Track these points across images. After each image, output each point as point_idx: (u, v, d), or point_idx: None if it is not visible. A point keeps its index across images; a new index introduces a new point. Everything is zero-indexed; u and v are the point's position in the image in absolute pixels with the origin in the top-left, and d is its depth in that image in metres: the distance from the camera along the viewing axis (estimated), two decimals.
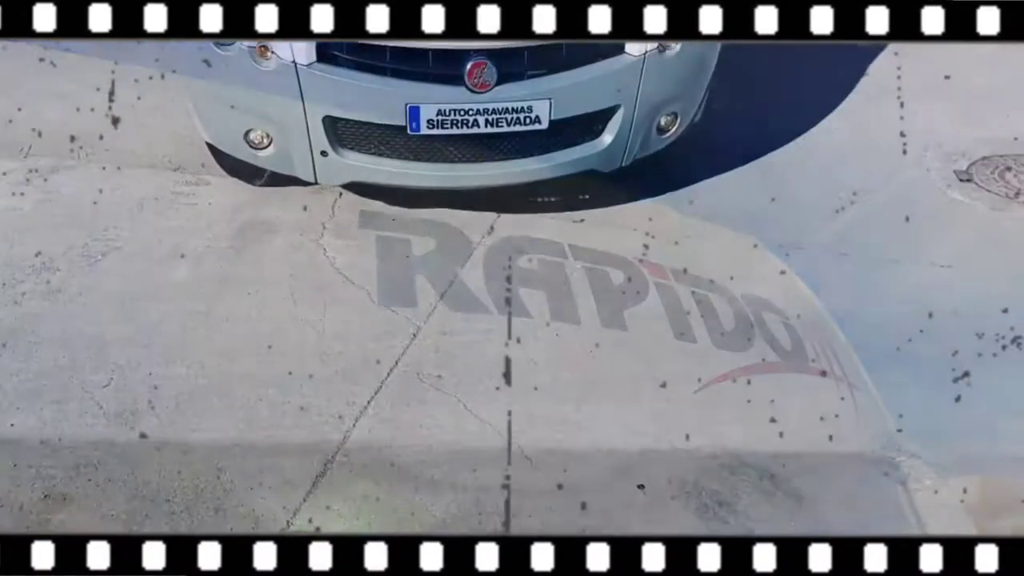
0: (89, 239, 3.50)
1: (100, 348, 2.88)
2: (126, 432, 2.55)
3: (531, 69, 3.32)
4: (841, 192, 4.10)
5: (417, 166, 3.43)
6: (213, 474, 2.45)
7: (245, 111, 3.38)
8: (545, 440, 2.56)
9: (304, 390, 2.74)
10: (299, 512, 2.34)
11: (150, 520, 2.29)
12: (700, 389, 2.78)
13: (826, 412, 2.66)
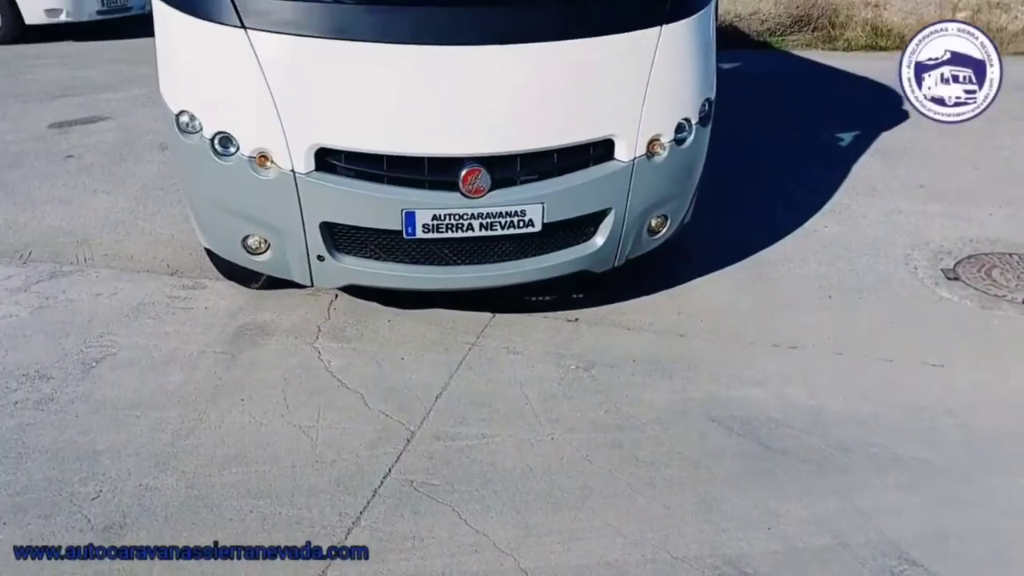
0: (84, 346, 3.50)
1: (91, 458, 2.84)
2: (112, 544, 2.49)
3: (524, 175, 3.40)
4: (832, 290, 4.16)
5: (413, 269, 3.47)
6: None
7: (243, 218, 3.43)
8: (543, 552, 2.50)
9: (296, 500, 2.69)
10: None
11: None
12: (698, 501, 2.74)
13: None
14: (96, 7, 11.34)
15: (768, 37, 11.80)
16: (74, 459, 2.84)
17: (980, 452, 2.95)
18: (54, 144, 6.44)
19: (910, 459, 2.91)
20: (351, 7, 3.21)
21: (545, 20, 3.38)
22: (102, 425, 3.01)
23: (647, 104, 3.47)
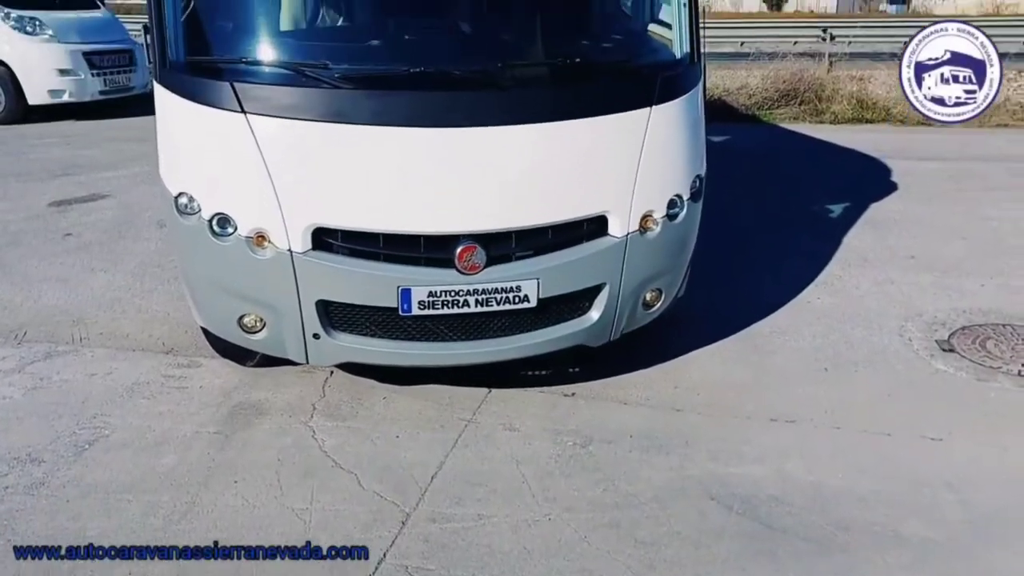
0: (77, 427, 3.47)
1: (81, 545, 2.78)
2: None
3: (519, 251, 3.43)
4: (827, 362, 4.16)
5: (408, 346, 3.48)
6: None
7: (240, 297, 3.45)
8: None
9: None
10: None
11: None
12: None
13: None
14: (99, 87, 11.58)
15: (756, 111, 12.08)
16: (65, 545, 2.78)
17: (982, 529, 2.92)
18: (53, 222, 6.51)
19: (911, 537, 2.87)
20: (348, 92, 3.29)
21: (537, 102, 3.47)
22: (93, 510, 2.96)
23: (639, 182, 3.54)
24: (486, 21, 4.00)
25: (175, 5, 3.39)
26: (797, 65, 12.82)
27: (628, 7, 4.59)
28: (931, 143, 9.99)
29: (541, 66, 3.72)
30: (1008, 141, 10.07)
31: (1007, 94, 11.98)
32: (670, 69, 3.81)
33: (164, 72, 3.42)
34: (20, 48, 10.98)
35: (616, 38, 4.49)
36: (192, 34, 3.44)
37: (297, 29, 3.86)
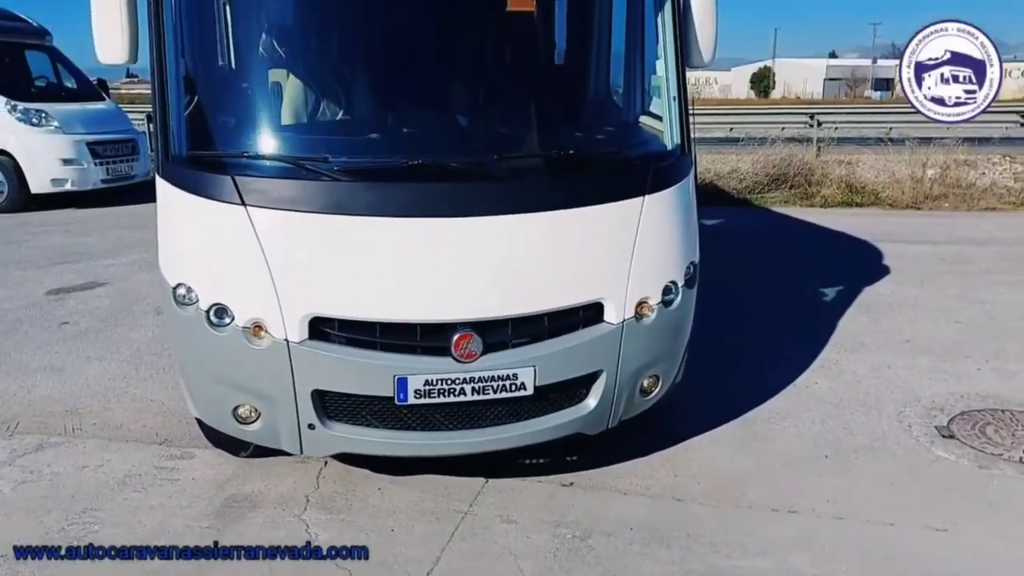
0: (66, 523, 3.38)
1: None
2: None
3: (515, 338, 3.44)
4: (827, 449, 4.12)
5: (404, 436, 3.44)
6: None
7: (235, 387, 3.44)
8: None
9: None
10: None
11: None
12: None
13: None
14: (101, 176, 11.78)
15: (748, 195, 12.30)
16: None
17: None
18: (50, 310, 6.52)
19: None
20: (347, 184, 3.35)
21: (533, 192, 3.54)
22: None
23: (634, 269, 3.57)
24: (482, 114, 4.11)
25: (179, 101, 3.48)
26: (786, 150, 13.12)
27: (620, 99, 4.72)
28: (921, 226, 10.14)
29: (536, 157, 3.81)
30: (996, 225, 10.23)
31: (993, 178, 12.25)
32: (662, 160, 3.89)
33: (167, 166, 3.48)
34: (25, 139, 11.21)
35: (609, 129, 4.61)
36: (194, 129, 3.52)
37: (298, 122, 3.96)
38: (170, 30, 3.45)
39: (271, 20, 4.08)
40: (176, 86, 3.46)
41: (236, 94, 3.87)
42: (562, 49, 4.96)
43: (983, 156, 13.23)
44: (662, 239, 3.72)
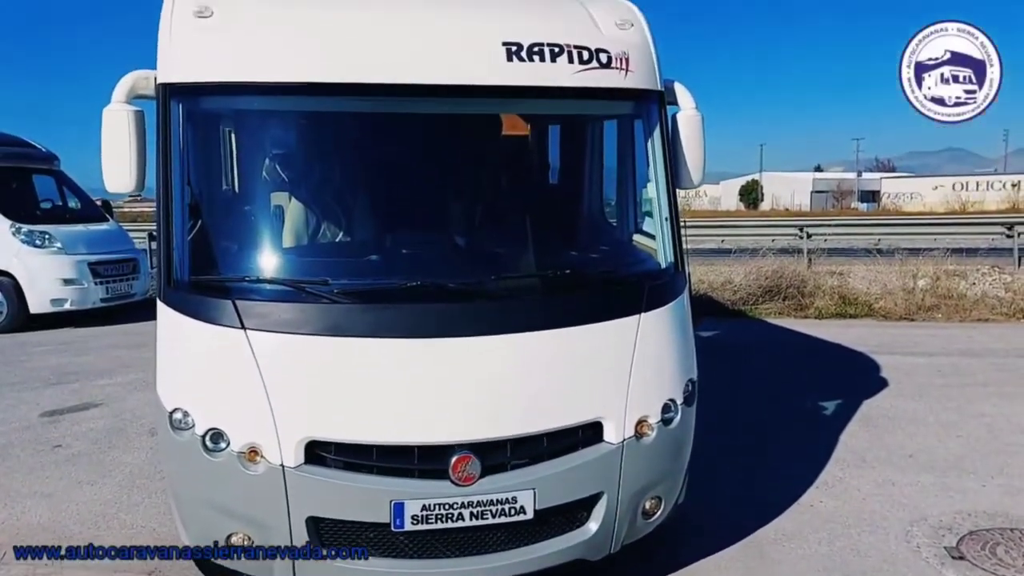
0: None
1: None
2: None
3: (514, 460, 3.40)
4: (836, 572, 4.01)
5: (400, 564, 3.34)
6: None
7: (228, 514, 3.36)
8: None
9: None
10: None
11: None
12: None
13: None
14: (100, 295, 11.88)
15: (742, 306, 12.40)
16: None
17: None
18: (43, 433, 6.45)
19: None
20: (346, 306, 3.40)
21: (529, 312, 3.58)
22: None
23: (632, 387, 3.57)
24: (479, 235, 4.20)
25: (182, 227, 3.56)
26: (778, 262, 13.34)
27: (613, 219, 4.85)
28: (915, 338, 10.19)
29: (532, 277, 3.88)
30: (990, 336, 10.28)
31: (983, 288, 12.41)
32: (657, 278, 3.95)
33: (168, 291, 3.52)
34: (27, 260, 11.37)
35: (603, 249, 4.71)
36: (196, 255, 3.58)
37: (299, 245, 4.04)
38: (176, 159, 3.56)
39: (274, 146, 4.24)
40: (180, 214, 3.55)
41: (238, 220, 3.97)
42: (556, 171, 5.14)
43: (972, 266, 13.46)
44: (660, 356, 3.74)
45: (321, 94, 3.67)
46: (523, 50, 3.72)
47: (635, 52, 3.96)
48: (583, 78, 3.81)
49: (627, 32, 4.03)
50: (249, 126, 4.18)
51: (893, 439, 6.06)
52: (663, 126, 4.07)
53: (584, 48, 3.83)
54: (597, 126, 4.80)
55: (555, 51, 3.77)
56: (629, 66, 3.91)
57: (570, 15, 4.07)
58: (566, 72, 3.77)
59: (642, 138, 4.17)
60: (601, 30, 3.97)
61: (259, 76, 3.55)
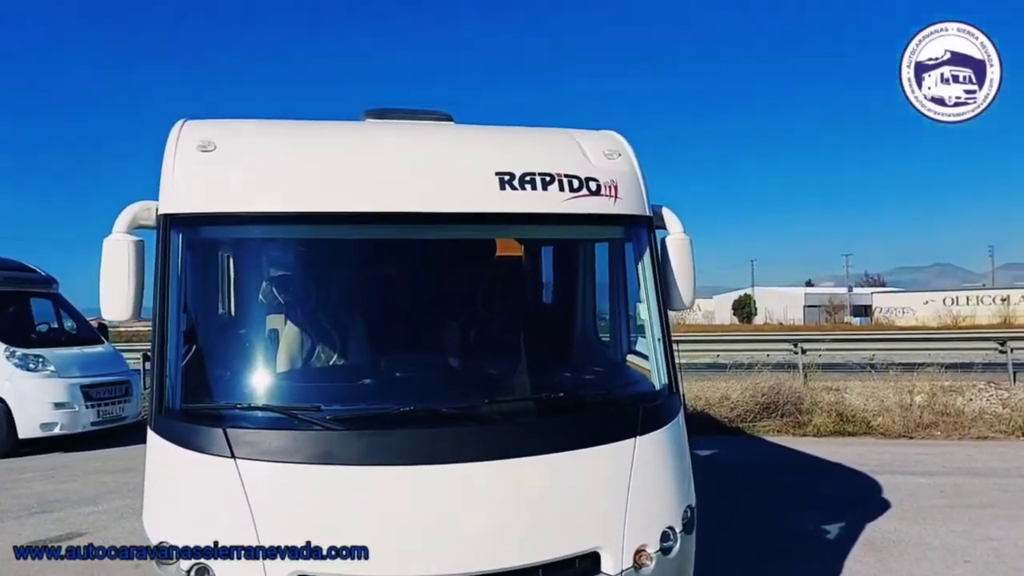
0: None
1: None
2: None
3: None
4: None
5: None
6: None
7: None
8: None
9: None
10: None
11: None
12: None
13: None
14: (91, 419, 11.72)
15: (740, 423, 12.28)
16: None
17: None
18: (22, 570, 6.22)
19: None
20: (338, 433, 3.36)
21: (522, 437, 3.55)
22: None
23: (629, 514, 3.50)
24: (472, 359, 4.21)
25: (176, 356, 3.57)
26: (774, 378, 13.30)
27: (606, 341, 4.87)
28: (916, 456, 10.05)
29: (527, 401, 3.86)
30: (991, 454, 10.14)
31: (981, 404, 12.34)
32: (651, 400, 3.95)
33: (159, 419, 3.50)
34: (19, 384, 11.28)
35: (597, 370, 4.72)
36: (189, 383, 3.57)
37: (292, 369, 4.04)
38: (173, 289, 3.60)
39: (272, 272, 4.30)
40: (175, 342, 3.57)
41: (232, 346, 3.98)
42: (549, 291, 5.22)
43: (968, 382, 13.43)
44: (657, 482, 3.68)
45: (320, 223, 3.77)
46: (515, 179, 3.85)
47: (623, 180, 4.10)
48: (574, 205, 3.93)
49: (615, 161, 4.18)
50: (248, 254, 4.27)
51: (900, 565, 5.88)
52: (653, 249, 4.16)
53: (574, 177, 3.96)
54: (589, 249, 4.90)
55: (546, 180, 3.90)
56: (618, 193, 4.04)
57: (560, 146, 4.24)
58: (557, 199, 3.89)
59: (633, 261, 4.26)
60: (590, 160, 4.13)
61: (260, 207, 3.65)
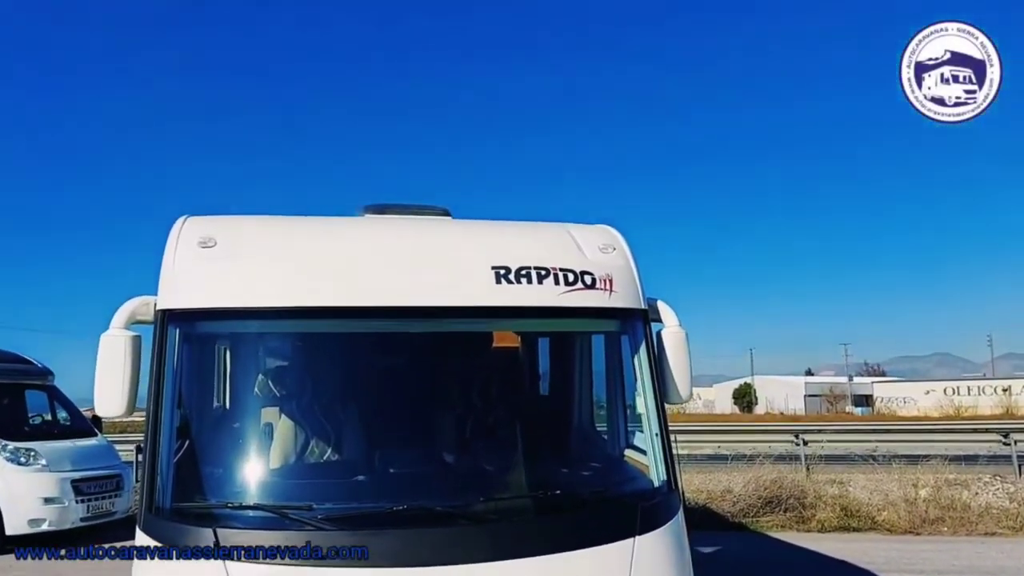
0: None
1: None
2: None
3: None
4: None
5: None
6: None
7: None
8: None
9: None
10: None
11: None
12: None
13: None
14: (81, 514, 11.40)
15: (742, 518, 12.01)
16: None
17: None
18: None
19: None
20: (329, 533, 3.25)
21: (519, 537, 3.47)
22: None
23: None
24: (467, 455, 4.16)
25: (168, 455, 3.51)
26: (776, 470, 13.07)
27: (603, 435, 4.83)
28: (923, 554, 9.80)
29: (523, 498, 3.80)
30: (1000, 551, 9.88)
31: (987, 498, 12.12)
32: (650, 498, 3.87)
33: (148, 517, 3.41)
34: (9, 479, 11.02)
35: (595, 466, 4.66)
36: (179, 481, 3.50)
37: (285, 465, 3.97)
38: (169, 385, 3.58)
39: (269, 366, 4.30)
40: (167, 441, 3.52)
41: (225, 443, 3.94)
42: (546, 384, 5.20)
43: (973, 475, 13.22)
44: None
45: (316, 317, 3.79)
46: (511, 273, 3.89)
47: (618, 274, 4.14)
48: (569, 298, 3.96)
49: (610, 255, 4.23)
50: (245, 348, 4.27)
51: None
52: (649, 342, 4.16)
53: (569, 270, 4.00)
54: (585, 342, 4.91)
55: (542, 273, 3.94)
56: (613, 287, 4.07)
57: (556, 240, 4.30)
58: (552, 293, 3.92)
59: (629, 354, 4.25)
60: (585, 254, 4.18)
61: (258, 302, 3.68)
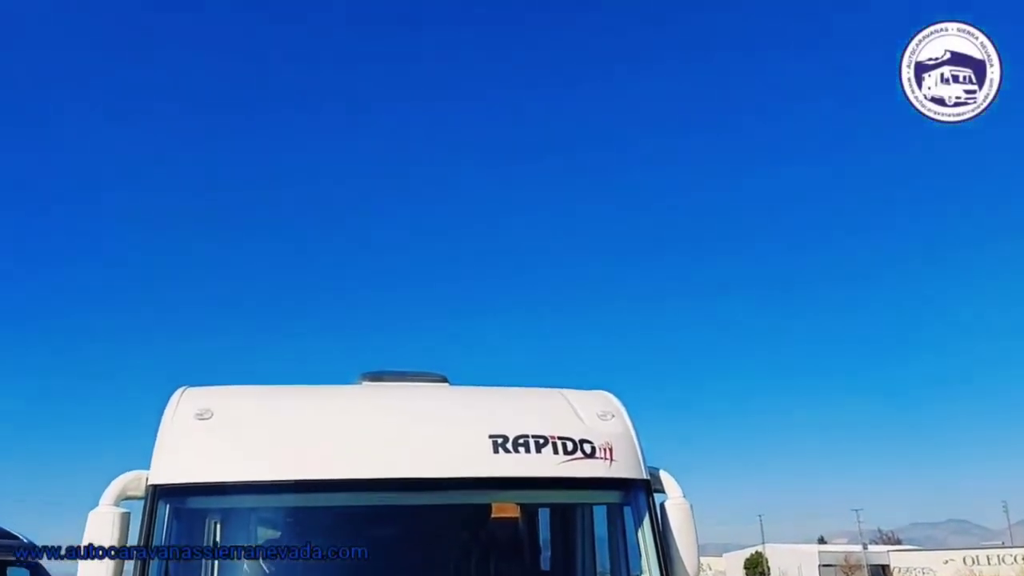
0: None
1: None
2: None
3: None
4: None
5: None
6: None
7: None
8: None
9: None
10: None
11: None
12: None
13: None
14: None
15: None
16: None
17: None
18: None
19: None
20: None
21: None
22: None
23: None
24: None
25: None
26: None
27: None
28: None
29: None
30: None
31: None
32: None
33: None
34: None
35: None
36: None
37: None
38: (156, 567, 3.41)
39: (261, 535, 4.15)
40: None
41: None
42: (546, 557, 5.00)
43: None
44: None
45: (311, 490, 3.69)
46: (508, 442, 3.83)
47: (618, 442, 4.06)
48: (567, 468, 3.87)
49: (609, 423, 4.17)
50: (236, 522, 4.13)
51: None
52: (652, 514, 4.02)
53: (568, 439, 3.94)
54: (586, 512, 4.78)
55: (539, 442, 3.88)
56: (613, 455, 3.98)
57: (553, 407, 4.27)
58: (551, 463, 3.84)
59: (632, 526, 4.10)
60: (584, 421, 4.13)
61: (252, 475, 3.57)
